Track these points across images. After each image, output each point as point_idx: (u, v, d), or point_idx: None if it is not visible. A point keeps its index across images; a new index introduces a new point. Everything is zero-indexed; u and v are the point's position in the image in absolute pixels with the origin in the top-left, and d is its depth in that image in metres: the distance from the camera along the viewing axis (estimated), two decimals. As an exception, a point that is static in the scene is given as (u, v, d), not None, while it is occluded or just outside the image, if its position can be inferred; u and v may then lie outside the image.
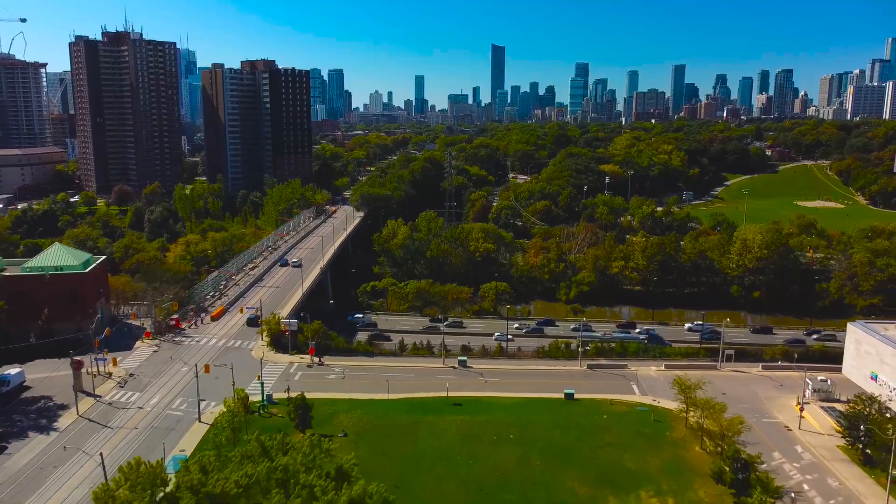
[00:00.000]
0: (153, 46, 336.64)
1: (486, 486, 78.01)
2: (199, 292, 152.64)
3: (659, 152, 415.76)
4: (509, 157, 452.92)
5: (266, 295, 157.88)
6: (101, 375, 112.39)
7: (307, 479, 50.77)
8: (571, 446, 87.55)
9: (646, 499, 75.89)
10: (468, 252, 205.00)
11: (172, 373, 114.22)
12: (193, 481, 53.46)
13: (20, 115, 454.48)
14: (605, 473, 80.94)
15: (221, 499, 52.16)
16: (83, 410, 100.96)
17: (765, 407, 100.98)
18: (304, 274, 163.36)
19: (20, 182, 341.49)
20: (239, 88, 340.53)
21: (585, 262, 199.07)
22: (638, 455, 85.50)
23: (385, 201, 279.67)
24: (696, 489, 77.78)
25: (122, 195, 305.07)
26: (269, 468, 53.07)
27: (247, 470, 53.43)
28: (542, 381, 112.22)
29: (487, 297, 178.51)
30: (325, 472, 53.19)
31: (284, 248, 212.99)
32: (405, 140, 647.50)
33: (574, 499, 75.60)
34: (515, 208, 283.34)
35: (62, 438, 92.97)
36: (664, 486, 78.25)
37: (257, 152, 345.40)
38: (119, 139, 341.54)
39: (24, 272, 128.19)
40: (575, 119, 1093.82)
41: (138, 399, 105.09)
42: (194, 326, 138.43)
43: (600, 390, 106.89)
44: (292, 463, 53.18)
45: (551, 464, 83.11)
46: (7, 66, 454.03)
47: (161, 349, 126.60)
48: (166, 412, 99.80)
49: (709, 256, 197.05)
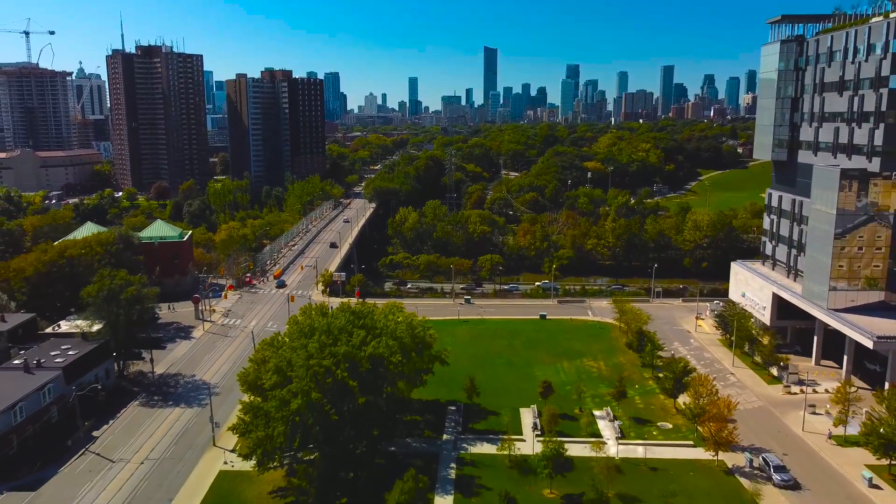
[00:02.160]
0: (182, 59, 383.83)
1: (487, 357, 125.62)
2: (261, 259, 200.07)
3: (638, 150, 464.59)
4: (502, 156, 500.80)
5: (310, 262, 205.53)
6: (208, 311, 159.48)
7: (386, 321, 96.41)
8: (542, 339, 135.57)
9: (587, 362, 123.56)
10: (468, 234, 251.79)
11: (259, 308, 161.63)
12: (314, 321, 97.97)
13: (49, 120, 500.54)
14: (562, 352, 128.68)
15: (337, 327, 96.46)
16: (205, 329, 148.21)
17: (676, 321, 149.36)
18: (333, 254, 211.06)
19: (65, 180, 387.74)
20: (260, 96, 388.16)
21: (565, 241, 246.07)
22: (584, 343, 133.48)
23: (394, 194, 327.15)
24: (618, 356, 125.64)
25: (161, 191, 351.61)
26: (359, 313, 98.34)
27: (346, 315, 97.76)
28: (525, 309, 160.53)
29: (484, 268, 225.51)
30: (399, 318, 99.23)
31: (314, 231, 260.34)
32: (403, 141, 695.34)
33: (540, 362, 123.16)
34: (507, 199, 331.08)
35: (199, 343, 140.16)
36: (599, 356, 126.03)
37: (277, 152, 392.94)
38: (152, 142, 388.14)
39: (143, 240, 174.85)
40: (566, 119, 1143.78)
41: (241, 323, 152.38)
42: (263, 282, 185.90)
43: (565, 314, 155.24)
44: (377, 313, 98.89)
45: (528, 347, 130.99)
46: (37, 75, 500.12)
47: (243, 297, 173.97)
48: (264, 329, 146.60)
49: (666, 235, 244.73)
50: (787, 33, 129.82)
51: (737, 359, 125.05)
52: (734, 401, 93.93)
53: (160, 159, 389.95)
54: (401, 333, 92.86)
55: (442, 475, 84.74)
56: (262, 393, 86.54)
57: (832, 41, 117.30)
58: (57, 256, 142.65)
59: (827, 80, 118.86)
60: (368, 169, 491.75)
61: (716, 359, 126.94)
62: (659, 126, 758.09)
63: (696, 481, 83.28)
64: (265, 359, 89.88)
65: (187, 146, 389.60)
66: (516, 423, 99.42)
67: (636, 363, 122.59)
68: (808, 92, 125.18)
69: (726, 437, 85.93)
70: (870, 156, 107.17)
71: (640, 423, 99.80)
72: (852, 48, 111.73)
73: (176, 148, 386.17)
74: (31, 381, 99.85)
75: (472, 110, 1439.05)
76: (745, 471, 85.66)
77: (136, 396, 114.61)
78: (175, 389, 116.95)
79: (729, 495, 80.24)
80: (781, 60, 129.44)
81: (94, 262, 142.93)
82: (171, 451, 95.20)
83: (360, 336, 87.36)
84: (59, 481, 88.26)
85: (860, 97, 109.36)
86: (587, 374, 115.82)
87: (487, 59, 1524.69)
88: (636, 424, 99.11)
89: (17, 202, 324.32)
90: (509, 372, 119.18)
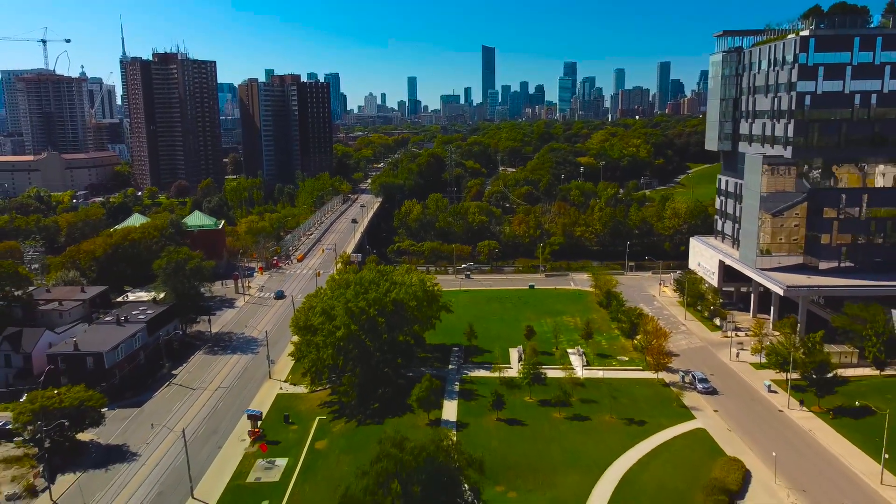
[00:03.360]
0: (197, 65, 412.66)
1: (482, 315, 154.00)
2: (285, 245, 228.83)
3: (629, 146, 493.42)
4: (499, 153, 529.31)
5: (329, 245, 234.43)
6: (245, 287, 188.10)
7: (403, 278, 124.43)
8: (529, 302, 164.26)
9: (566, 318, 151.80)
10: (467, 223, 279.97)
11: (288, 284, 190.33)
12: (347, 276, 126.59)
13: (66, 124, 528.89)
14: (545, 311, 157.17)
15: (364, 280, 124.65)
16: (246, 300, 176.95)
17: (644, 289, 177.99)
18: (350, 235, 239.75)
19: (88, 181, 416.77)
20: (271, 98, 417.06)
21: (556, 229, 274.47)
22: (564, 305, 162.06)
23: (398, 189, 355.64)
24: (591, 314, 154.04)
25: (181, 189, 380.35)
26: (382, 271, 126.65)
27: (373, 272, 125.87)
28: (516, 282, 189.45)
29: (483, 254, 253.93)
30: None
31: (328, 222, 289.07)
32: (405, 140, 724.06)
33: (527, 318, 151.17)
34: (504, 192, 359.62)
35: (242, 311, 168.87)
36: (575, 314, 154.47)
37: (287, 151, 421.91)
38: (169, 143, 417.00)
39: (185, 228, 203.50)
40: (564, 117, 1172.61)
41: (273, 297, 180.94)
42: (287, 264, 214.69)
43: (550, 285, 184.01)
44: (396, 273, 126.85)
45: (517, 308, 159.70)
46: (54, 81, 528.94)
47: (272, 276, 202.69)
48: (297, 300, 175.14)
49: (649, 222, 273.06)
50: (729, 45, 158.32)
51: (688, 313, 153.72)
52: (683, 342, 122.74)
53: (177, 160, 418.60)
54: (415, 287, 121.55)
55: (449, 389, 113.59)
56: (310, 331, 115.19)
57: (760, 53, 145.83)
58: (121, 239, 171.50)
59: (757, 84, 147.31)
60: (372, 167, 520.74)
61: (672, 315, 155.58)
62: (654, 122, 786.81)
63: (640, 391, 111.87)
64: (312, 306, 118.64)
65: (202, 147, 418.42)
66: (505, 357, 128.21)
67: (606, 318, 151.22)
68: (744, 94, 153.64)
69: (663, 362, 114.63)
70: (785, 145, 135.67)
71: (603, 357, 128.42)
72: (774, 59, 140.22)
73: (192, 149, 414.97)
74: (124, 331, 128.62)
75: (470, 109, 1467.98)
76: (677, 384, 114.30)
77: (199, 348, 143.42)
78: (230, 343, 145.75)
79: (661, 397, 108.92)
80: (724, 67, 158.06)
81: (151, 245, 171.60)
82: (237, 382, 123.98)
83: (385, 286, 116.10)
84: (156, 401, 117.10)
85: (778, 98, 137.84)
86: (564, 326, 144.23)
87: (485, 58, 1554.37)
88: (600, 358, 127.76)
89: (46, 201, 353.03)
90: (501, 324, 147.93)
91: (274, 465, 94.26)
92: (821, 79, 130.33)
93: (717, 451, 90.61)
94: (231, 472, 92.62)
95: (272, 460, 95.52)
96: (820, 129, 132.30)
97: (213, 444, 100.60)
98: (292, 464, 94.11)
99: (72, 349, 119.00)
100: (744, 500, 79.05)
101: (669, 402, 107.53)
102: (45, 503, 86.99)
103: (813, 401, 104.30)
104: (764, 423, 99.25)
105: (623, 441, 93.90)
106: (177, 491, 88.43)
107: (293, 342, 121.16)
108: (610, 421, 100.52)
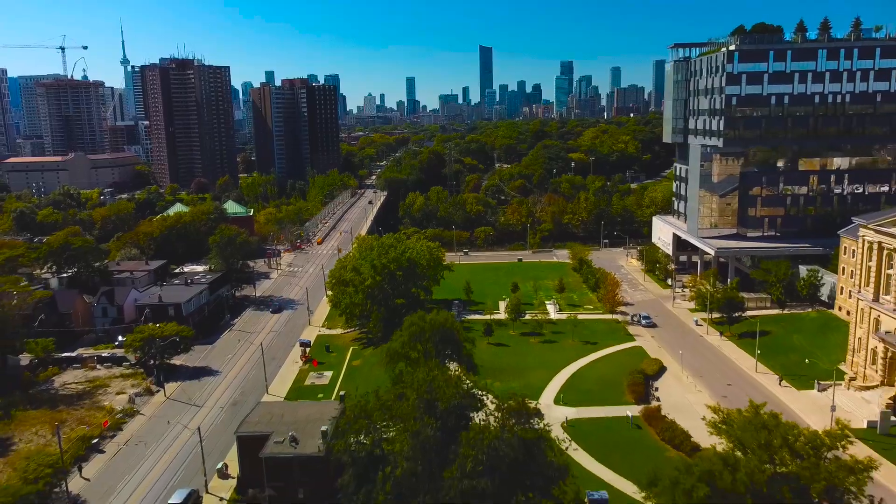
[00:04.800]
0: (213, 71, 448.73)
1: (477, 280, 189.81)
2: (307, 230, 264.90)
3: (618, 142, 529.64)
4: (496, 150, 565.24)
5: (344, 229, 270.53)
6: (276, 263, 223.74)
7: (414, 244, 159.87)
8: (516, 271, 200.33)
9: (546, 281, 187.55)
10: (466, 213, 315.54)
11: (314, 260, 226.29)
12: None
13: (84, 126, 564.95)
14: (529, 277, 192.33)
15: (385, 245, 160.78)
16: (278, 274, 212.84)
17: (615, 260, 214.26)
18: (362, 221, 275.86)
19: (111, 179, 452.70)
20: (282, 101, 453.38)
21: (546, 217, 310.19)
22: (546, 272, 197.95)
23: (402, 183, 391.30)
24: (567, 278, 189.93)
25: (200, 186, 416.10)
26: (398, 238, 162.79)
27: (392, 238, 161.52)
28: (507, 257, 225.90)
29: (479, 238, 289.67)
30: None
31: (340, 212, 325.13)
32: (405, 139, 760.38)
33: (515, 281, 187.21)
34: (499, 185, 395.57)
35: (276, 282, 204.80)
36: (554, 278, 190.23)
37: (297, 150, 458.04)
38: (187, 144, 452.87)
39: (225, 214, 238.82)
40: (560, 115, 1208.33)
41: (301, 271, 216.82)
42: (309, 247, 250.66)
43: (536, 259, 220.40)
44: (408, 241, 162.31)
45: (506, 275, 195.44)
46: (73, 87, 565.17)
47: (297, 256, 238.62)
48: (321, 273, 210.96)
49: (629, 209, 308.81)
50: (680, 55, 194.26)
51: (647, 276, 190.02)
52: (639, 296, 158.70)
53: (194, 159, 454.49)
54: (424, 251, 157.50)
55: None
56: (343, 284, 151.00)
57: (702, 63, 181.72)
58: (174, 222, 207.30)
59: (700, 87, 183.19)
60: (375, 165, 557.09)
61: (634, 278, 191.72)
62: (646, 119, 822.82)
63: (597, 325, 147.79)
64: (344, 265, 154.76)
65: (218, 147, 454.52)
66: (495, 307, 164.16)
67: (578, 280, 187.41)
68: (692, 95, 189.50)
69: (617, 303, 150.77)
70: (719, 137, 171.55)
71: (573, 306, 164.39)
72: (710, 68, 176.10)
73: (208, 149, 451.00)
74: (192, 289, 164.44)
75: (468, 108, 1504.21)
76: (627, 322, 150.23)
77: (248, 307, 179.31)
78: (272, 302, 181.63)
79: (613, 329, 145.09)
80: (676, 74, 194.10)
81: (200, 227, 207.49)
82: (285, 328, 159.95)
83: (400, 248, 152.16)
84: (224, 341, 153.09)
85: (714, 99, 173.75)
86: (543, 285, 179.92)
87: (483, 58, 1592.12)
88: (570, 307, 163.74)
89: (76, 198, 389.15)
90: (493, 286, 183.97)
91: (322, 376, 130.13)
92: (744, 84, 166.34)
93: (646, 358, 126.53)
94: (292, 380, 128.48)
95: (321, 373, 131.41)
96: (744, 124, 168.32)
97: (275, 365, 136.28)
98: (336, 374, 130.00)
99: (157, 300, 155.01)
100: (657, 380, 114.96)
101: (618, 331, 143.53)
102: (161, 399, 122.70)
103: (728, 331, 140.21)
104: (686, 343, 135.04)
105: (579, 353, 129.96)
106: (255, 391, 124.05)
107: (328, 295, 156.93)
108: (572, 343, 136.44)
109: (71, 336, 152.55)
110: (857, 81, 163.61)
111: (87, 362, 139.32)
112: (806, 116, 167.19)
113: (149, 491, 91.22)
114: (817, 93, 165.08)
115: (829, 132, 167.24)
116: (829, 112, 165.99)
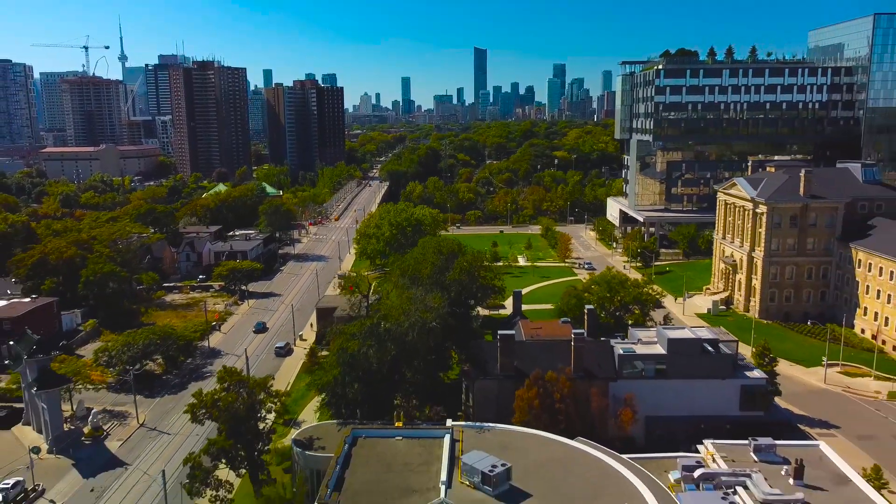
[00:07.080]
0: (231, 71, 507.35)
1: (465, 242, 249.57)
2: (326, 210, 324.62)
3: (599, 142, 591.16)
4: (487, 148, 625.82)
5: (357, 208, 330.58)
6: (304, 233, 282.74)
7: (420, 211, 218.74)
8: (498, 239, 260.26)
9: (519, 244, 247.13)
10: (458, 200, 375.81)
11: (337, 231, 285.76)
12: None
13: (104, 121, 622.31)
14: (507, 242, 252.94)
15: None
16: (306, 241, 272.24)
17: (576, 232, 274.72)
18: (371, 202, 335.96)
19: (137, 169, 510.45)
20: (294, 100, 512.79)
21: (528, 204, 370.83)
22: (521, 239, 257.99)
23: (402, 175, 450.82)
24: (535, 241, 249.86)
25: (221, 175, 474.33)
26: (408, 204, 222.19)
27: (403, 203, 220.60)
28: (491, 230, 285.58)
29: (471, 219, 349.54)
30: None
31: (349, 198, 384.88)
32: (403, 137, 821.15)
33: (494, 241, 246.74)
34: (489, 178, 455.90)
35: (307, 245, 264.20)
36: (526, 241, 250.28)
37: (307, 144, 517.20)
38: (206, 138, 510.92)
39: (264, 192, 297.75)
40: (552, 117, 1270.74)
41: (326, 238, 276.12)
42: (328, 222, 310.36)
43: (515, 231, 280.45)
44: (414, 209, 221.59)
45: (490, 240, 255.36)
46: (94, 84, 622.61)
47: (320, 229, 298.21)
48: (344, 239, 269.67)
49: (600, 198, 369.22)
50: (627, 70, 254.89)
51: (598, 242, 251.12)
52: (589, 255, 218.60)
53: (213, 151, 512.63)
54: (427, 215, 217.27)
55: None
56: (367, 237, 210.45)
57: (642, 77, 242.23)
58: (226, 196, 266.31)
59: (640, 96, 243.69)
60: (375, 160, 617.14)
61: (589, 243, 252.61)
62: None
63: (552, 270, 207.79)
64: (368, 223, 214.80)
65: (234, 140, 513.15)
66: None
67: (545, 244, 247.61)
68: (636, 102, 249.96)
69: (567, 255, 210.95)
70: (650, 134, 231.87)
71: (538, 259, 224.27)
72: (645, 81, 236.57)
73: (226, 142, 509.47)
74: (250, 243, 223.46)
75: (463, 109, 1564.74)
76: (575, 268, 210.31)
77: (289, 259, 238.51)
78: (309, 258, 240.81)
79: (563, 271, 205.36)
80: (624, 85, 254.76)
81: (246, 200, 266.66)
82: (322, 271, 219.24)
83: (410, 212, 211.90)
84: (278, 279, 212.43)
85: (647, 106, 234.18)
86: (516, 246, 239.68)
87: (477, 59, 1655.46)
88: (536, 259, 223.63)
89: (110, 184, 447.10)
90: (478, 245, 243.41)
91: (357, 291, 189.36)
92: (668, 94, 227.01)
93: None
94: (336, 293, 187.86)
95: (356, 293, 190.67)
96: (668, 125, 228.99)
97: (321, 290, 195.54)
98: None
99: (229, 248, 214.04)
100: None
101: (567, 272, 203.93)
102: (245, 308, 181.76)
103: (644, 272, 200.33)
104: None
105: (537, 282, 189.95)
106: (311, 299, 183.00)
107: (355, 248, 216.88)
108: (532, 278, 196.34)
109: (162, 274, 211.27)
110: (752, 94, 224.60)
111: (184, 289, 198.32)
112: (715, 119, 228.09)
113: (258, 346, 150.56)
114: (722, 102, 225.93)
115: (730, 132, 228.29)
116: (731, 116, 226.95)
